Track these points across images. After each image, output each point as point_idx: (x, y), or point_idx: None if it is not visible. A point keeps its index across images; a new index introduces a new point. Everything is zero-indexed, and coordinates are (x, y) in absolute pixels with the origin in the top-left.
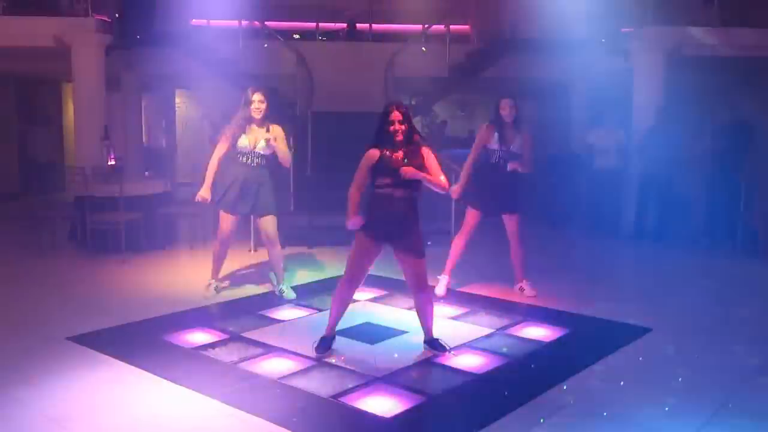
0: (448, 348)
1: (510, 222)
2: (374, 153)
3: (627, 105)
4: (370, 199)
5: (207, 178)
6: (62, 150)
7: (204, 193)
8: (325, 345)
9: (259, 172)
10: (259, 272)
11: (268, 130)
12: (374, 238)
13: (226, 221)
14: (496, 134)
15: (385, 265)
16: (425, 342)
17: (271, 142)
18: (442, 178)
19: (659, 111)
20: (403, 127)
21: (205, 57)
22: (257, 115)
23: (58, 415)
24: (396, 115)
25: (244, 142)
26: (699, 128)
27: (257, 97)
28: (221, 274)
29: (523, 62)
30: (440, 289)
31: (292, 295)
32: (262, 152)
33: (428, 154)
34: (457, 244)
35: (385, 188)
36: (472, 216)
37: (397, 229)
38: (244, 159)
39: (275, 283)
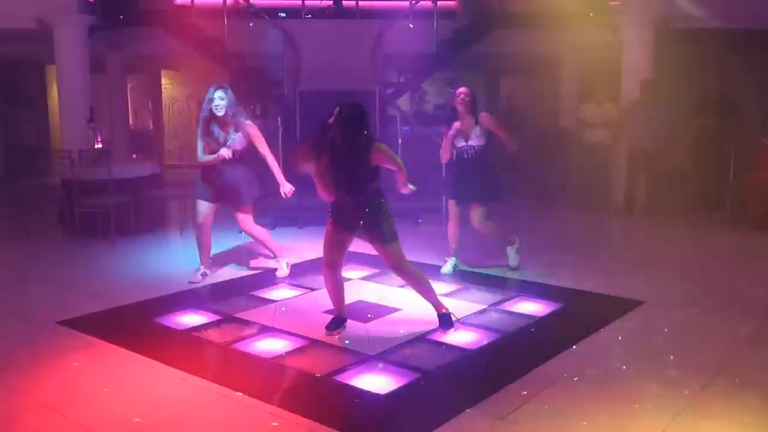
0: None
1: (474, 210)
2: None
3: (616, 79)
4: None
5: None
6: (48, 133)
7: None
8: (334, 324)
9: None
10: (250, 253)
11: (236, 129)
12: (336, 226)
13: (202, 207)
14: (453, 131)
15: None
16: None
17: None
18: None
19: (647, 84)
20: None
21: (189, 37)
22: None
23: (52, 400)
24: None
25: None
26: (688, 100)
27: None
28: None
29: (511, 37)
30: (447, 269)
31: (285, 272)
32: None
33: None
34: (449, 229)
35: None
36: (451, 205)
37: (355, 220)
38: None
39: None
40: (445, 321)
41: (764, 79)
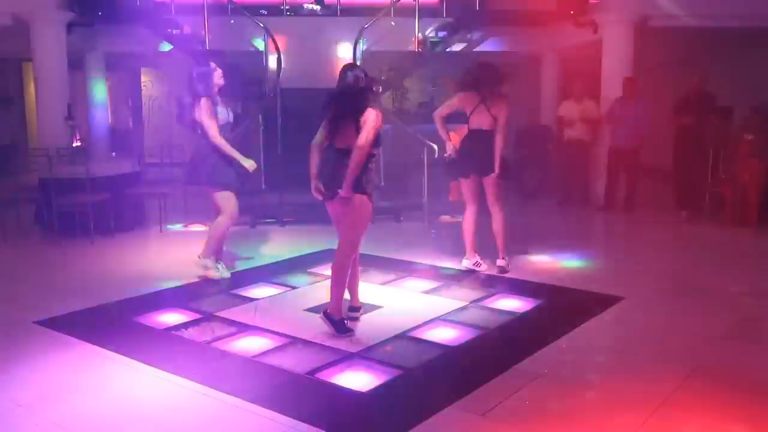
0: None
1: (489, 184)
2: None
3: (596, 76)
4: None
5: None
6: (25, 131)
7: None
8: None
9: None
10: (231, 251)
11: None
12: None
13: (234, 198)
14: (479, 104)
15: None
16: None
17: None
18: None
19: (630, 82)
20: None
21: (169, 34)
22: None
23: (27, 400)
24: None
25: (223, 114)
26: (669, 98)
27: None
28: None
29: (493, 35)
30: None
31: (227, 274)
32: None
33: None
34: (467, 220)
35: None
36: (464, 186)
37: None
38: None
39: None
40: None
41: (744, 76)
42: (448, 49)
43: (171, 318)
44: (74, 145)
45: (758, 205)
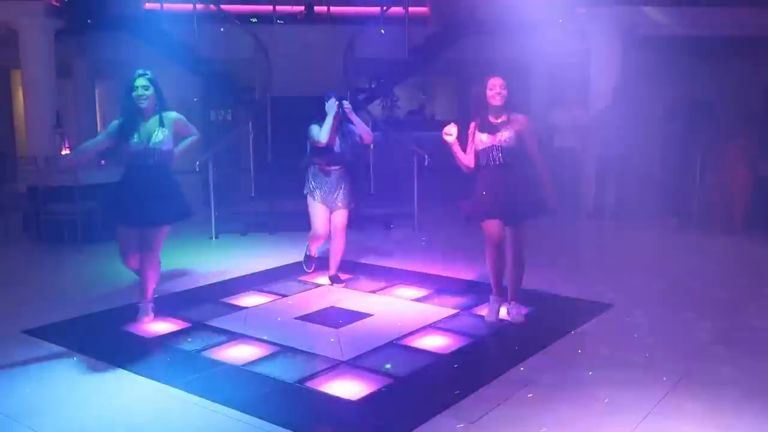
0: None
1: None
2: None
3: (585, 85)
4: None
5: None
6: (13, 139)
7: None
8: (308, 261)
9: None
10: (221, 260)
11: (161, 123)
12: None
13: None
14: (483, 132)
15: (349, 249)
16: (330, 277)
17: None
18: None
19: (616, 90)
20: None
21: (159, 42)
22: (142, 104)
23: (15, 410)
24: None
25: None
26: (655, 107)
27: (140, 82)
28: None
29: (482, 43)
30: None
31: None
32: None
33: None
34: (492, 259)
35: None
36: (489, 227)
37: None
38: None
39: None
40: (337, 280)
41: (732, 85)
42: (436, 57)
43: (160, 327)
44: (63, 153)
45: (745, 212)
